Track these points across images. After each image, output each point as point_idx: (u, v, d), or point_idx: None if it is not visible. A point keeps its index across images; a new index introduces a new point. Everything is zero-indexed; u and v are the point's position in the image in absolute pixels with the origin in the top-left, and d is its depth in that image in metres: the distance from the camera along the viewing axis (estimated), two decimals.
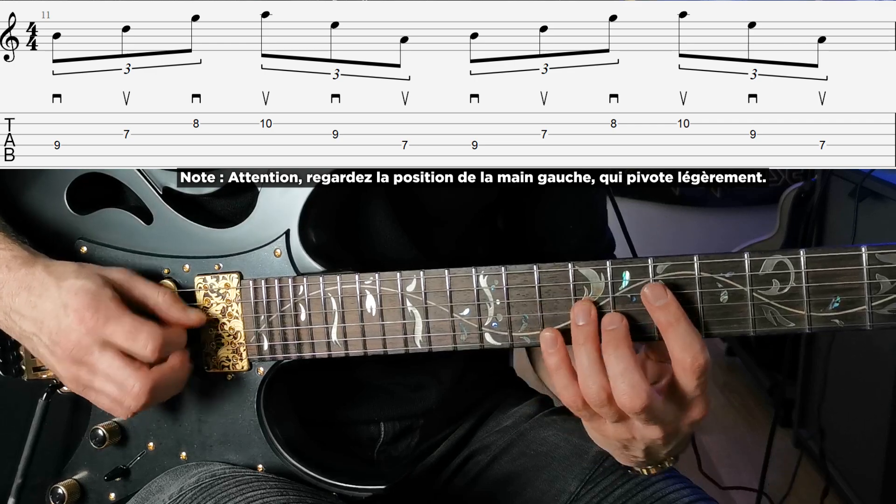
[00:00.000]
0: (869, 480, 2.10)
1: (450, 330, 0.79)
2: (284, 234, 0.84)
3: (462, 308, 0.79)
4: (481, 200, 1.00)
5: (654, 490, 0.92)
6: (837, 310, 0.71)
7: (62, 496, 0.89)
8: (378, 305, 0.81)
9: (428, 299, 0.79)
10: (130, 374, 0.78)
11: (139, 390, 0.78)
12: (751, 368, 3.16)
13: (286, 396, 0.90)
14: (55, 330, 0.79)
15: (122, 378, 0.78)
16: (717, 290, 0.73)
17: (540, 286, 0.76)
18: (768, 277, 0.72)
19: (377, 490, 0.86)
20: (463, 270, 0.78)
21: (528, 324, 0.77)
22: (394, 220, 0.91)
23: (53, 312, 0.79)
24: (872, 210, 2.12)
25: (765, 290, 0.72)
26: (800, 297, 0.72)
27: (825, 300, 0.72)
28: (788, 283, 0.72)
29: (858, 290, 0.71)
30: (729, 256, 0.73)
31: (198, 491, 0.83)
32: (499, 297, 0.78)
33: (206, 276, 0.85)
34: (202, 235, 0.86)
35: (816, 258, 0.71)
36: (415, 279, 0.79)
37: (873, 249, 0.70)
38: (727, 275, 0.73)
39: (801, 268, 0.72)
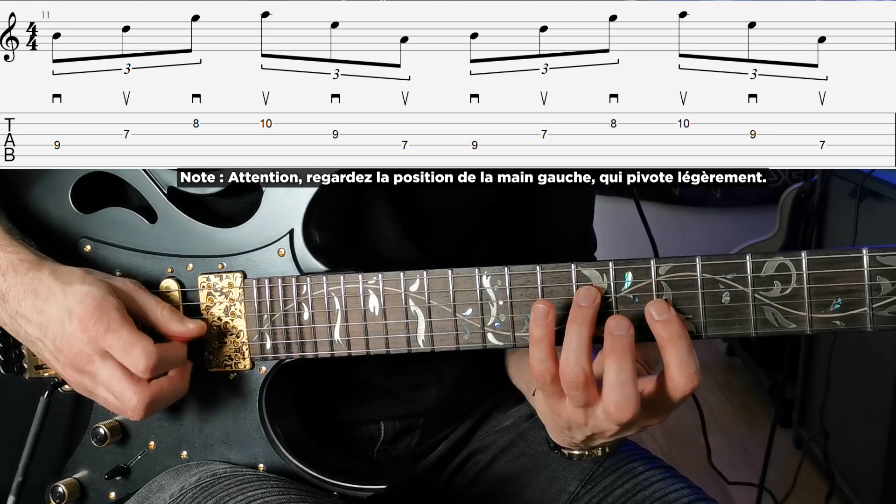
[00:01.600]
0: (869, 480, 2.10)
1: (452, 330, 0.79)
2: (288, 234, 0.84)
3: (465, 308, 0.79)
4: (481, 201, 1.00)
5: (654, 490, 0.92)
6: (838, 311, 0.72)
7: (62, 494, 0.89)
8: (381, 305, 0.81)
9: (431, 299, 0.79)
10: (128, 388, 0.79)
11: (136, 404, 0.79)
12: (751, 368, 3.17)
13: (288, 396, 0.90)
14: (59, 336, 0.79)
15: (120, 391, 0.79)
16: (718, 291, 0.73)
17: (543, 287, 0.77)
18: (770, 279, 0.72)
19: (378, 490, 0.86)
20: (466, 271, 0.78)
21: (530, 324, 0.77)
22: (395, 221, 0.91)
23: (58, 318, 0.79)
24: (872, 210, 2.12)
25: (766, 291, 0.73)
26: (801, 299, 0.72)
27: (826, 301, 0.72)
28: (790, 284, 0.72)
29: (859, 291, 0.71)
30: (731, 258, 0.73)
31: (199, 490, 0.83)
32: (501, 298, 0.78)
33: (209, 275, 0.85)
34: (206, 235, 0.86)
35: (818, 260, 0.71)
36: (418, 279, 0.79)
37: (874, 251, 0.70)
38: (729, 276, 0.73)
39: (802, 269, 0.72)
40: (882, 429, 2.03)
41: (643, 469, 0.95)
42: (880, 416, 2.04)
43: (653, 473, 0.94)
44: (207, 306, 0.85)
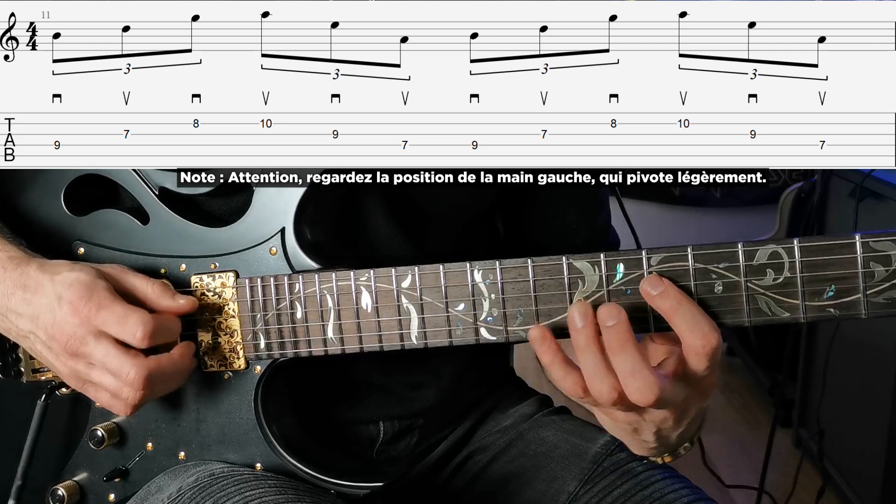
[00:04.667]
0: (869, 481, 2.10)
1: (445, 325, 0.79)
2: (280, 233, 0.84)
3: (457, 303, 0.79)
4: (478, 201, 1.00)
5: (652, 490, 0.92)
6: (832, 299, 0.71)
7: (62, 497, 0.89)
8: (374, 302, 0.81)
9: (423, 295, 0.79)
10: (125, 362, 0.78)
11: (135, 376, 0.78)
12: (751, 368, 3.16)
13: (284, 395, 0.90)
14: (50, 323, 0.79)
15: (118, 366, 0.78)
16: (711, 282, 0.73)
17: (534, 280, 0.76)
18: (762, 267, 0.72)
19: (374, 487, 0.86)
20: (457, 265, 0.78)
21: (523, 318, 0.77)
22: (390, 219, 0.91)
23: (48, 306, 0.79)
24: (872, 210, 2.12)
25: (759, 280, 0.72)
26: (794, 287, 0.71)
27: (820, 289, 0.71)
28: (783, 272, 0.72)
29: (853, 278, 0.70)
30: (723, 247, 0.72)
31: (196, 490, 0.83)
32: (493, 292, 0.78)
33: (202, 275, 0.85)
34: (198, 235, 0.86)
35: (810, 247, 0.71)
36: (409, 275, 0.79)
37: (867, 237, 0.70)
38: (721, 265, 0.73)
39: (794, 257, 0.71)
40: (882, 428, 2.02)
41: (642, 469, 0.95)
42: (881, 415, 2.04)
43: (652, 474, 0.94)
44: (201, 307, 0.85)
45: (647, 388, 0.70)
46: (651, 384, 0.70)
